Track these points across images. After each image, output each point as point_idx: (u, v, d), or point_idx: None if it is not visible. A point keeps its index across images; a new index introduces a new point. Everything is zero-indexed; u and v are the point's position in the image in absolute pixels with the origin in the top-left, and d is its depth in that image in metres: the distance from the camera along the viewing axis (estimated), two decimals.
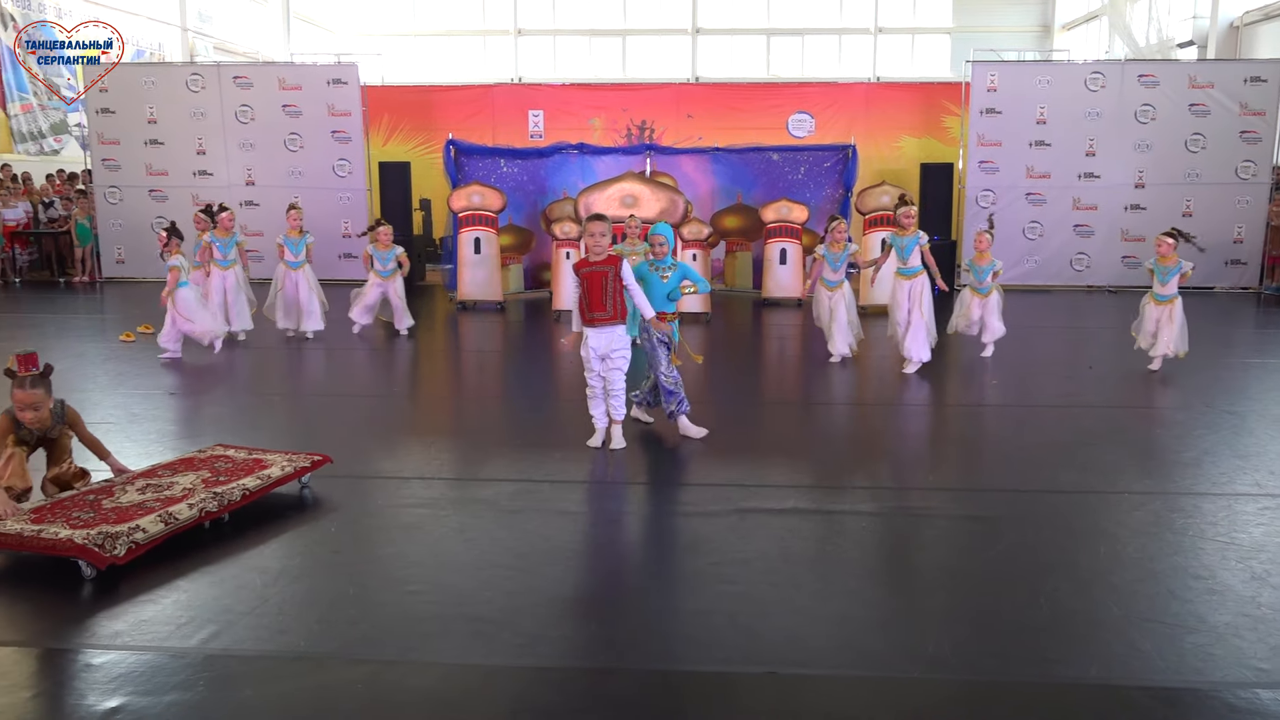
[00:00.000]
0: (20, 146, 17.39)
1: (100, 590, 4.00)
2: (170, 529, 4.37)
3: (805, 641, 3.59)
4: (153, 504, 4.53)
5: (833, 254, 9.02)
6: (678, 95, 16.50)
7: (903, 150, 15.63)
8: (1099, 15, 26.55)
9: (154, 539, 4.29)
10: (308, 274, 10.22)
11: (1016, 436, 6.71)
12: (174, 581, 4.09)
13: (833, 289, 9.01)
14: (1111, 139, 14.35)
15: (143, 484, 4.83)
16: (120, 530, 4.20)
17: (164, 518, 4.37)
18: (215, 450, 5.45)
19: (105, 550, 4.07)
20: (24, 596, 4.00)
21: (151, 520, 4.33)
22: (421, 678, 3.36)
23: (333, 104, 15.05)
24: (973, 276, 9.24)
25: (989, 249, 9.19)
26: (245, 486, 4.81)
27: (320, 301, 10.27)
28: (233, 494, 4.73)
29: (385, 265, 10.36)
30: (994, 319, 9.17)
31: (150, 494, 4.68)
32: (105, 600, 3.92)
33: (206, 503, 4.59)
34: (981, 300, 9.15)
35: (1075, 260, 14.69)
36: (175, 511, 4.44)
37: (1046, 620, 3.75)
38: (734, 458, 6.08)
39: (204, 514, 4.55)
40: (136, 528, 4.25)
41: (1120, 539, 4.60)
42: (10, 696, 3.22)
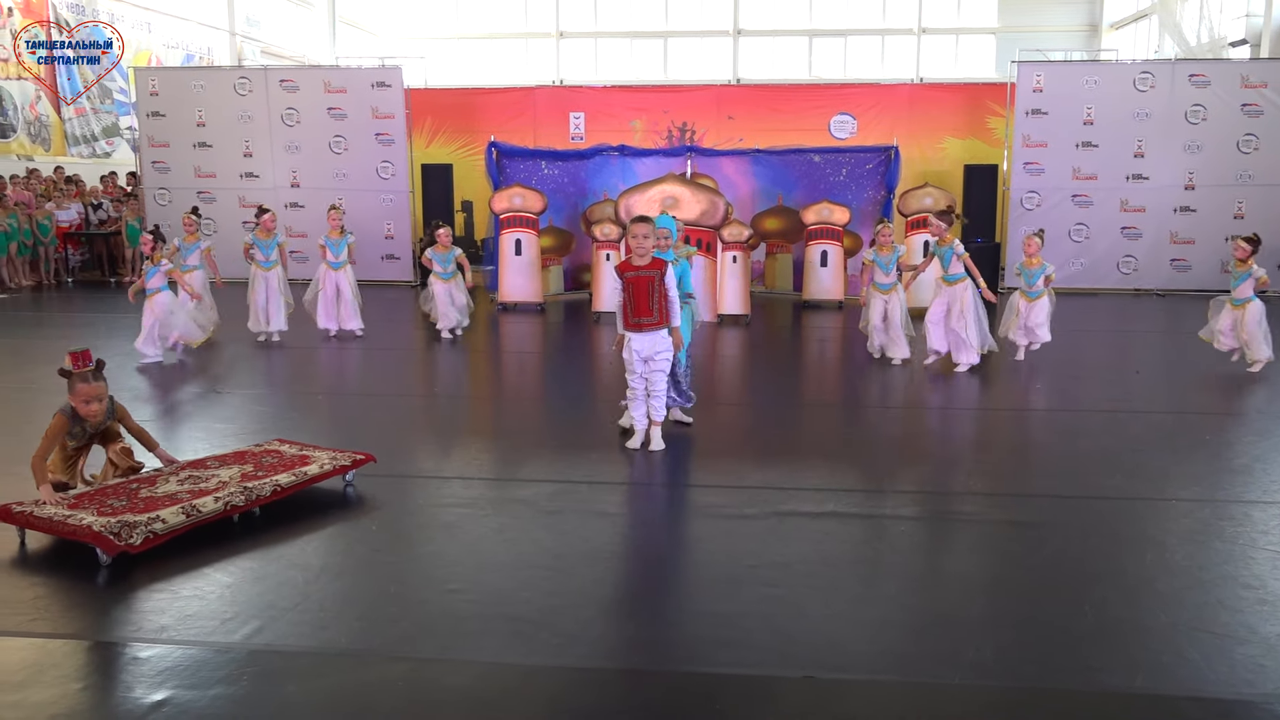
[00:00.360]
0: (73, 149, 17.77)
1: (148, 585, 4.07)
2: (192, 521, 4.44)
3: (843, 646, 3.56)
4: (184, 495, 4.62)
5: (882, 258, 9.05)
6: (719, 97, 16.47)
7: (946, 152, 15.48)
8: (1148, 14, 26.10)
9: (174, 530, 4.36)
10: (348, 274, 10.34)
11: (1061, 441, 6.62)
12: (218, 577, 4.16)
13: (886, 292, 9.02)
14: (1161, 140, 14.11)
15: (186, 475, 4.93)
16: (140, 520, 4.29)
17: (186, 510, 4.45)
18: (271, 444, 5.53)
19: (120, 539, 4.17)
20: (75, 590, 4.07)
21: (173, 512, 4.41)
22: (460, 676, 3.38)
23: (376, 107, 15.21)
24: (1023, 281, 9.10)
25: (1038, 253, 9.03)
26: (278, 482, 4.86)
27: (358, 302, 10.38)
28: (263, 489, 4.78)
29: (446, 268, 10.40)
30: (1039, 324, 8.96)
31: (188, 485, 4.78)
32: (152, 595, 3.99)
33: (234, 497, 4.65)
34: (1029, 304, 9.01)
35: (1123, 263, 14.46)
36: (200, 504, 4.51)
37: (1091, 628, 3.69)
38: (772, 460, 6.05)
39: (229, 508, 4.60)
40: (156, 518, 4.34)
41: (1168, 546, 4.51)
42: (61, 688, 3.29)
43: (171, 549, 4.35)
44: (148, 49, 19.77)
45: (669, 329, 5.99)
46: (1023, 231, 14.23)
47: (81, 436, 5.06)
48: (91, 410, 4.92)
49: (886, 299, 9.00)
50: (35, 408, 7.40)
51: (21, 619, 3.78)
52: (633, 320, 5.94)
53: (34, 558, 4.34)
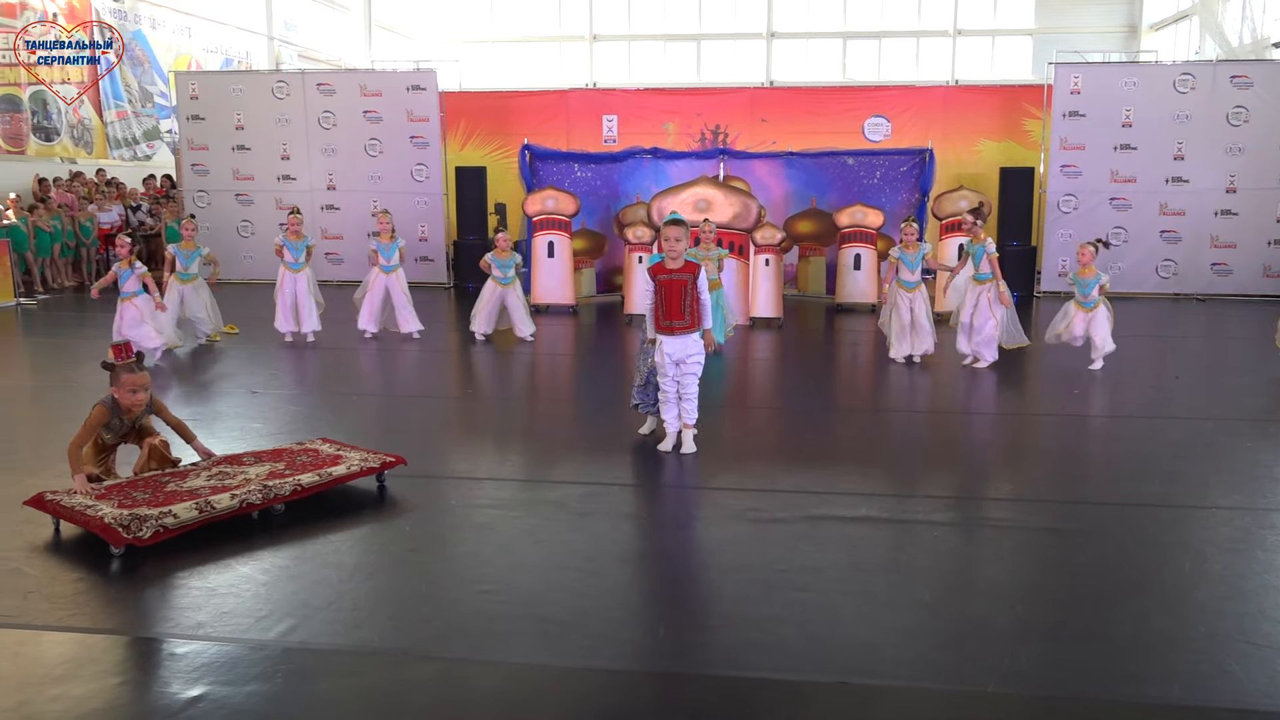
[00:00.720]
0: (115, 152, 18.04)
1: (185, 582, 4.12)
2: (205, 517, 4.49)
3: (877, 651, 3.54)
4: (204, 490, 4.68)
5: (908, 255, 9.06)
6: (752, 99, 16.43)
7: (981, 154, 15.34)
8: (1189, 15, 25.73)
9: (185, 525, 4.43)
10: (399, 278, 10.43)
11: (1099, 447, 6.54)
12: (254, 575, 4.20)
13: (911, 290, 9.04)
14: (1201, 142, 13.90)
15: (217, 470, 4.99)
16: (152, 514, 4.37)
17: (200, 506, 4.50)
18: (313, 443, 5.59)
19: (129, 531, 4.27)
20: (114, 585, 4.14)
21: (186, 507, 4.47)
22: (490, 677, 3.39)
23: (411, 110, 15.32)
24: (1077, 290, 8.94)
25: (1093, 261, 8.87)
26: (300, 482, 4.87)
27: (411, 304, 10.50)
28: (283, 488, 4.78)
29: (505, 273, 10.38)
30: (1101, 336, 8.73)
31: (215, 480, 4.84)
32: (189, 592, 4.04)
33: (251, 495, 4.67)
34: (1086, 315, 8.83)
35: (1161, 267, 14.26)
36: (215, 500, 4.56)
37: (1129, 637, 3.64)
38: (805, 464, 6.03)
39: (245, 505, 4.62)
40: (168, 512, 4.41)
41: (1207, 555, 4.44)
42: (100, 682, 3.34)
43: (206, 546, 4.40)
44: (188, 53, 20.03)
45: (700, 331, 5.98)
46: (1059, 235, 14.17)
47: (119, 429, 5.16)
48: (138, 400, 5.06)
49: (911, 297, 9.03)
50: (76, 405, 7.52)
51: (62, 613, 3.84)
52: (664, 323, 5.94)
53: (74, 552, 4.41)
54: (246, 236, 15.87)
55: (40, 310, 12.97)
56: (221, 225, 15.82)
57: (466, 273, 15.12)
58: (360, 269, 15.52)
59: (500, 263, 10.37)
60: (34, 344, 10.71)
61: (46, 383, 8.47)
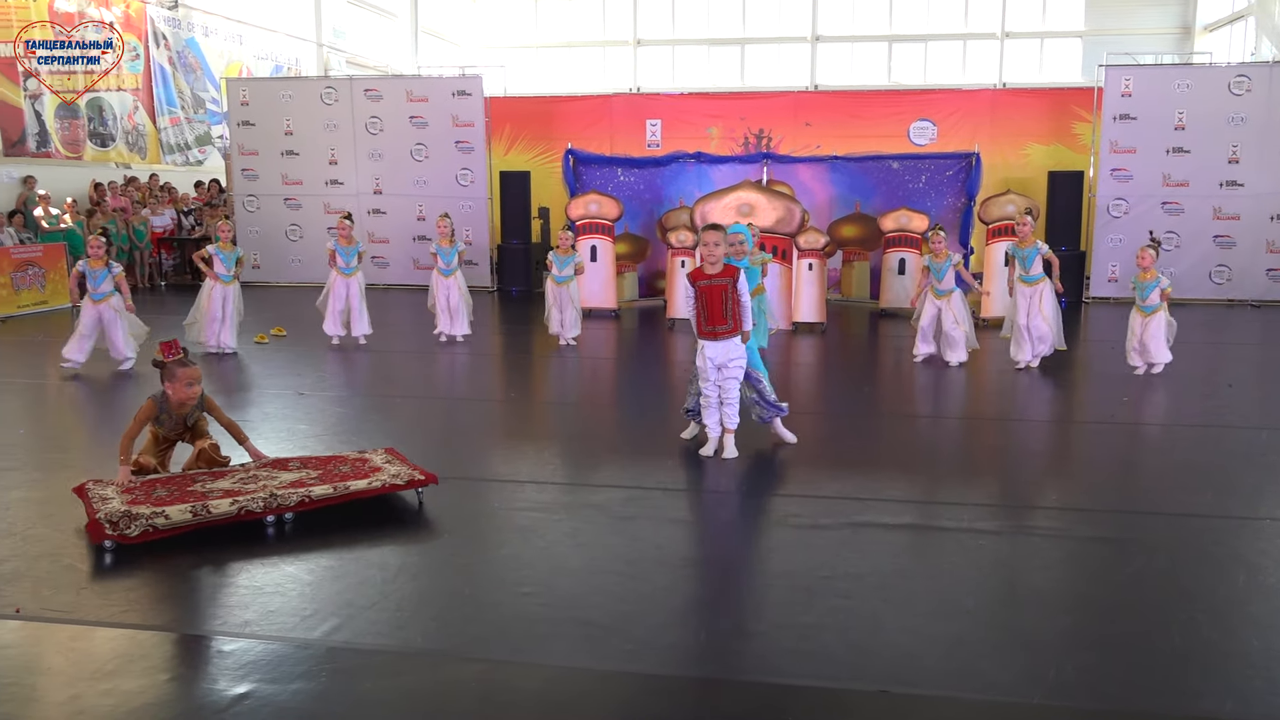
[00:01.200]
0: (168, 157, 18.40)
1: (232, 581, 4.19)
2: (199, 520, 4.54)
3: (919, 661, 3.50)
4: (217, 493, 4.73)
5: (936, 264, 9.22)
6: (796, 103, 16.37)
7: (1029, 158, 15.15)
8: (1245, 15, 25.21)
9: (176, 527, 4.50)
10: (459, 281, 10.58)
11: (1149, 456, 6.42)
12: (299, 575, 4.26)
13: (942, 297, 9.14)
14: (1257, 145, 13.61)
15: (251, 474, 5.03)
16: (144, 513, 4.48)
17: (195, 509, 4.56)
18: (369, 454, 5.44)
19: (116, 529, 4.40)
20: (164, 583, 4.21)
21: (180, 509, 4.55)
22: (531, 679, 3.41)
23: (457, 115, 15.47)
24: (1137, 295, 8.75)
25: (1153, 265, 8.68)
26: (311, 493, 4.78)
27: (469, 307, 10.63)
28: (289, 498, 4.72)
29: (563, 271, 10.42)
30: (1156, 343, 8.52)
31: (237, 484, 4.88)
32: (237, 590, 4.11)
33: (251, 503, 4.65)
34: (1144, 320, 8.63)
35: (1215, 273, 13.98)
36: (212, 505, 4.60)
37: (1179, 649, 3.57)
38: (847, 470, 5.99)
39: (244, 512, 4.61)
40: (161, 513, 4.50)
41: (1261, 568, 4.34)
42: (149, 678, 3.40)
43: (253, 546, 4.47)
44: (239, 60, 20.38)
45: (741, 335, 5.96)
46: (1109, 240, 13.95)
47: (170, 425, 5.27)
48: (192, 393, 5.19)
49: (941, 304, 9.12)
50: (128, 404, 7.68)
51: (114, 610, 3.92)
52: (706, 328, 5.93)
53: (126, 549, 4.49)
54: (295, 240, 16.12)
55: None
56: (270, 229, 16.08)
57: (510, 276, 15.23)
58: (406, 272, 15.78)
59: (560, 260, 10.41)
60: None
61: (99, 382, 8.65)
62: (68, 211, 14.63)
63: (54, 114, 15.62)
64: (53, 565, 4.38)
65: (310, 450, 6.20)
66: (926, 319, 9.24)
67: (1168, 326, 8.59)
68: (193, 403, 5.25)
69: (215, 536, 4.54)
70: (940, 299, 9.14)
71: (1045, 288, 8.83)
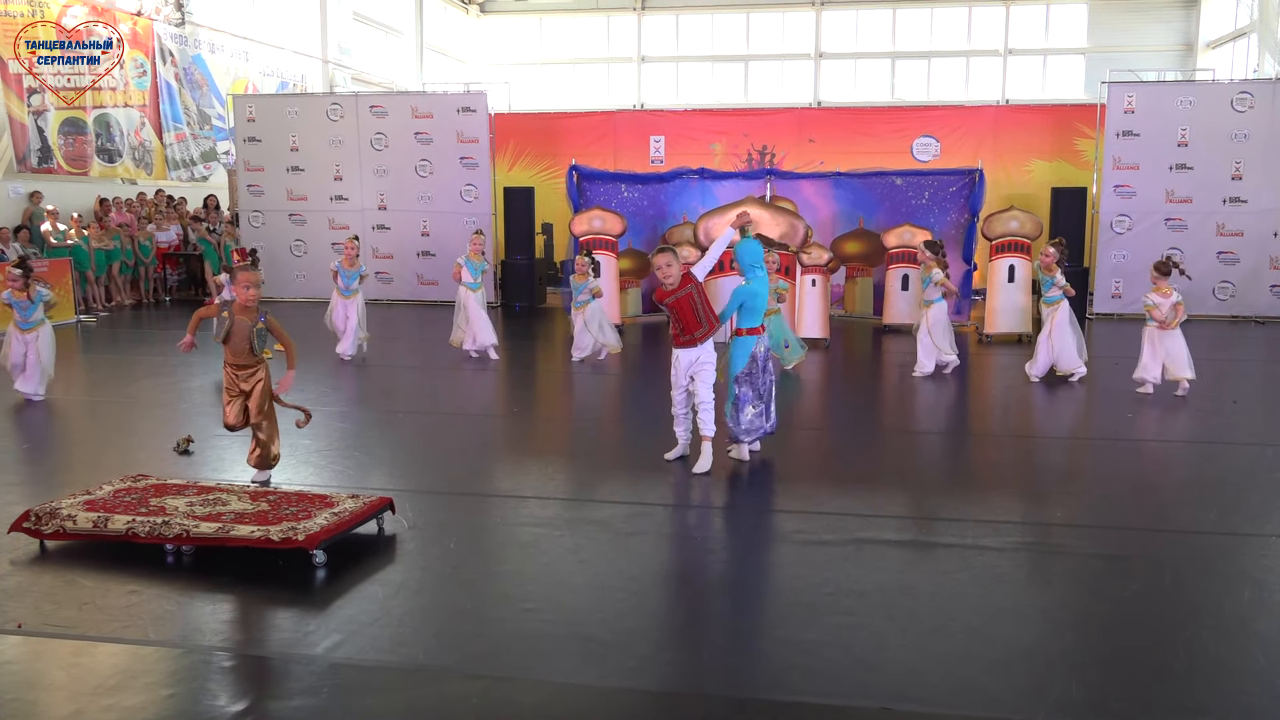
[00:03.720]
0: (174, 173, 18.48)
1: (233, 596, 4.19)
2: (97, 532, 4.65)
3: (923, 678, 3.49)
4: (155, 510, 4.76)
5: (924, 275, 9.70)
6: (799, 119, 16.42)
7: (1032, 174, 15.17)
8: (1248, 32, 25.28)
9: (81, 533, 4.66)
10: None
11: (1154, 473, 6.40)
12: (301, 590, 4.25)
13: (926, 306, 9.58)
14: (1260, 162, 13.62)
15: (206, 497, 4.98)
16: (62, 513, 4.71)
17: (98, 520, 4.66)
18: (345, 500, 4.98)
19: (40, 523, 4.69)
20: (166, 598, 4.21)
21: (87, 517, 4.69)
22: (533, 695, 3.40)
23: (461, 131, 15.52)
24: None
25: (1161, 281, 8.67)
26: (188, 529, 4.53)
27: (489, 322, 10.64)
28: (169, 530, 4.54)
29: (579, 296, 10.44)
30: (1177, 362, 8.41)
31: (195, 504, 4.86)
32: (238, 606, 4.10)
33: (139, 526, 4.57)
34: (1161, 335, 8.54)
35: (1219, 289, 13.96)
36: (112, 519, 4.66)
37: (1184, 666, 3.55)
38: (851, 486, 5.97)
39: (130, 534, 4.57)
40: (71, 517, 4.69)
41: (1267, 585, 4.32)
42: (150, 694, 3.40)
43: (254, 562, 4.46)
44: (245, 77, 20.48)
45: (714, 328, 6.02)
46: (1112, 257, 13.96)
47: (228, 330, 5.63)
48: (251, 295, 5.65)
49: (925, 312, 9.53)
50: (134, 420, 7.70)
51: (116, 625, 3.91)
52: (684, 338, 5.98)
53: (128, 565, 4.50)
54: (299, 256, 16.16)
55: (100, 327, 13.29)
56: (275, 245, 16.13)
57: (514, 292, 15.26)
58: (411, 288, 15.81)
59: (576, 285, 10.45)
60: (93, 360, 10.97)
61: (105, 398, 8.66)
62: (73, 227, 14.69)
63: (58, 130, 15.70)
64: (55, 580, 4.38)
65: (313, 467, 6.21)
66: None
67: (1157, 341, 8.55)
68: (253, 306, 5.66)
69: (215, 554, 4.54)
70: (925, 308, 9.52)
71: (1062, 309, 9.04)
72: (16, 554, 4.66)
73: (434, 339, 10.80)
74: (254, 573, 4.39)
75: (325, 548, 4.45)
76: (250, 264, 5.81)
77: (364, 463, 6.35)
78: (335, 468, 6.21)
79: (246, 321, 5.67)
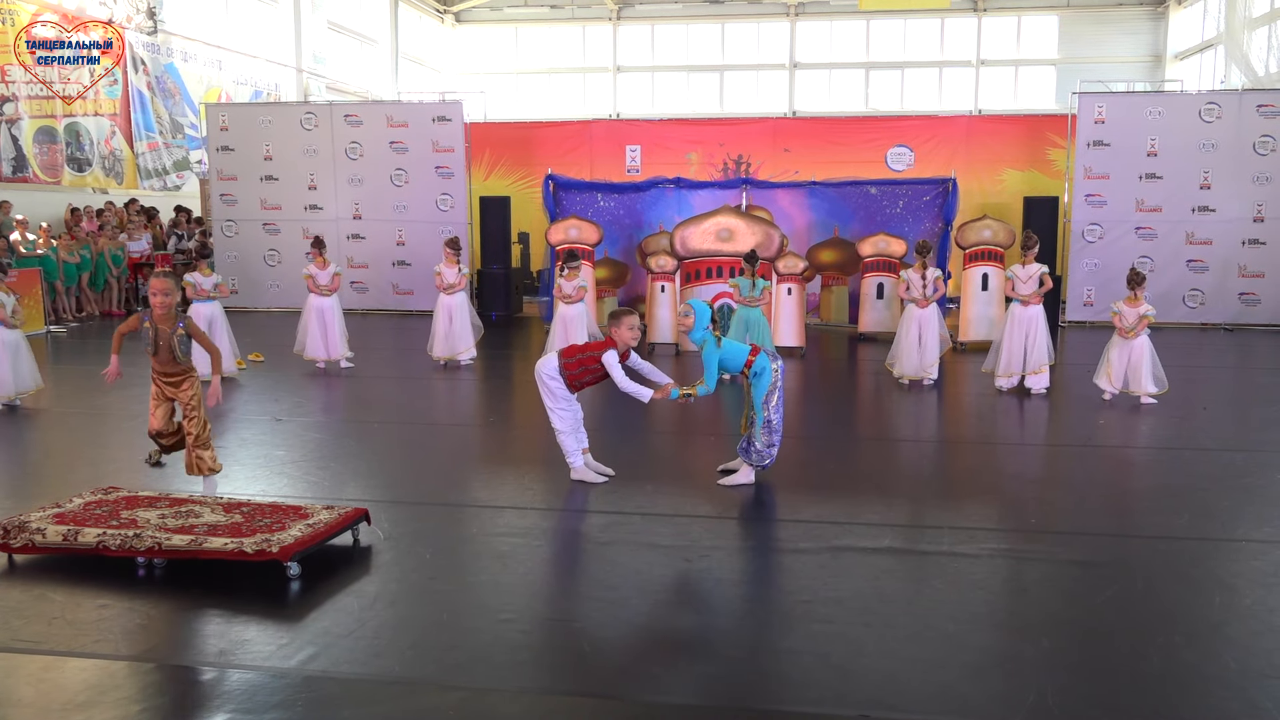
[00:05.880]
0: (145, 183, 18.32)
1: (206, 609, 4.14)
2: (67, 546, 4.59)
3: (900, 685, 3.50)
4: (127, 522, 4.69)
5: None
6: (775, 129, 16.51)
7: (1005, 184, 15.33)
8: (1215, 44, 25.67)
9: (50, 547, 4.60)
10: (460, 298, 10.63)
11: (1126, 480, 6.46)
12: (274, 603, 4.21)
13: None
14: (1228, 171, 13.82)
15: (177, 510, 4.91)
16: (31, 526, 4.66)
17: (67, 534, 4.60)
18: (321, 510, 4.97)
19: (1, 536, 4.65)
20: (137, 612, 4.16)
21: (56, 530, 4.63)
22: (511, 706, 3.38)
23: (437, 140, 15.49)
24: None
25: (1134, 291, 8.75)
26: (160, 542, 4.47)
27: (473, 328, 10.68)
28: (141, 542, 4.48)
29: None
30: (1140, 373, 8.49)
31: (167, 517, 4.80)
32: (211, 619, 4.06)
33: (110, 539, 4.51)
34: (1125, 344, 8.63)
35: (1189, 297, 14.14)
36: (82, 533, 4.60)
37: (1157, 671, 3.58)
38: (827, 494, 5.99)
39: (100, 546, 4.51)
40: (40, 531, 4.65)
41: (1238, 589, 4.37)
42: (122, 709, 3.35)
43: (227, 575, 4.42)
44: (218, 86, 20.36)
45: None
46: (1084, 265, 14.11)
47: (153, 339, 5.63)
48: (161, 303, 5.63)
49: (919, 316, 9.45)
50: (105, 432, 7.61)
51: (86, 640, 3.86)
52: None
53: (98, 578, 4.44)
54: (273, 265, 16.06)
55: (69, 338, 13.14)
56: (249, 254, 16.02)
57: (490, 301, 15.22)
58: (385, 297, 15.75)
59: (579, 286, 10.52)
60: (62, 371, 10.84)
61: (75, 409, 8.56)
62: (41, 237, 14.52)
63: (32, 139, 15.54)
64: (24, 595, 4.32)
65: (287, 478, 6.16)
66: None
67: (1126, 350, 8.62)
68: (166, 313, 5.62)
69: (188, 568, 4.49)
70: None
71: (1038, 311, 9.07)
72: None
73: (409, 348, 10.75)
74: (227, 586, 4.34)
75: (299, 560, 4.42)
76: (165, 271, 5.79)
77: (339, 473, 6.30)
78: (310, 479, 6.16)
79: (166, 329, 5.66)
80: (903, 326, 9.56)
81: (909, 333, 9.41)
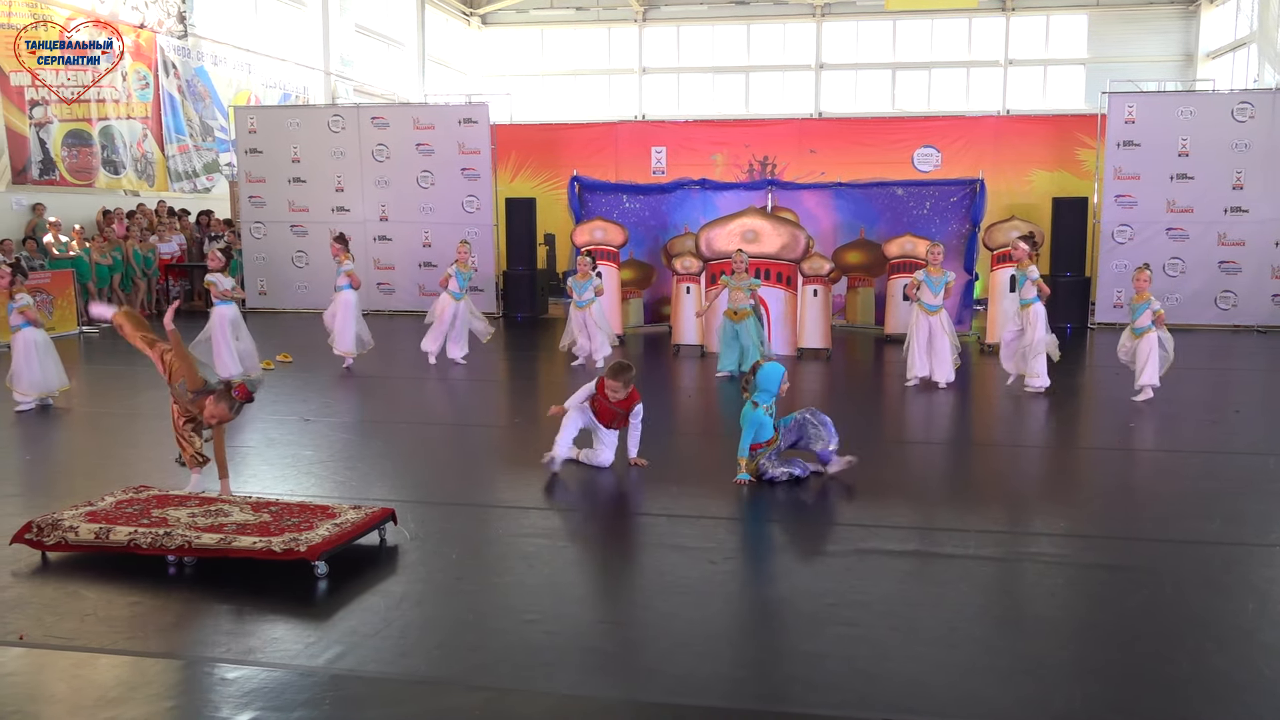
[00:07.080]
0: (175, 185, 18.52)
1: (236, 608, 4.19)
2: (100, 543, 4.64)
3: (926, 689, 3.48)
4: (158, 521, 4.75)
5: (932, 278, 9.37)
6: (800, 130, 16.44)
7: (1034, 184, 15.18)
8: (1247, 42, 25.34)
9: (84, 545, 4.66)
10: (468, 304, 10.73)
11: (1156, 482, 6.39)
12: (303, 602, 4.25)
13: (932, 313, 9.30)
14: (1261, 171, 13.63)
15: (209, 508, 4.96)
16: (65, 524, 4.71)
17: (99, 532, 4.65)
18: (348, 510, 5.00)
19: (42, 534, 4.69)
20: (168, 610, 4.21)
21: (89, 528, 4.68)
22: (535, 706, 3.39)
23: (463, 142, 15.55)
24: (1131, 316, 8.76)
25: (1148, 287, 8.71)
26: (190, 540, 4.53)
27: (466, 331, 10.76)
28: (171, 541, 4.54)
29: (582, 295, 10.57)
30: (1147, 366, 8.47)
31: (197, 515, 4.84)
32: (240, 617, 4.10)
33: (141, 538, 4.56)
34: (1134, 341, 8.64)
35: (1220, 298, 13.96)
36: (114, 531, 4.65)
37: (1187, 677, 3.54)
38: (852, 497, 5.97)
39: (132, 545, 4.56)
40: (73, 529, 4.69)
41: (1271, 596, 4.32)
42: (153, 705, 3.39)
43: (257, 574, 4.46)
44: (247, 89, 20.54)
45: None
46: (1114, 266, 13.96)
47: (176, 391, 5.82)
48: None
49: (931, 320, 9.25)
50: (136, 432, 7.71)
51: (118, 637, 3.91)
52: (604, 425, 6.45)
53: (130, 576, 4.49)
54: (301, 267, 16.18)
55: (100, 339, 13.30)
56: (277, 255, 16.16)
57: (516, 302, 15.27)
58: (412, 298, 15.83)
59: (579, 286, 10.51)
60: (95, 371, 10.98)
61: (109, 410, 8.67)
62: (75, 238, 14.71)
63: (61, 141, 15.74)
64: (57, 592, 4.38)
65: (314, 478, 6.21)
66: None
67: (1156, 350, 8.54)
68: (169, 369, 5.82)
69: (217, 566, 4.53)
70: (930, 314, 9.30)
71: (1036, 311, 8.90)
72: (18, 566, 4.66)
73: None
74: (256, 584, 4.38)
75: (327, 559, 4.46)
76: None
77: (366, 473, 6.35)
78: (337, 478, 6.21)
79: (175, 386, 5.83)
80: (912, 329, 9.50)
81: (919, 335, 9.37)
